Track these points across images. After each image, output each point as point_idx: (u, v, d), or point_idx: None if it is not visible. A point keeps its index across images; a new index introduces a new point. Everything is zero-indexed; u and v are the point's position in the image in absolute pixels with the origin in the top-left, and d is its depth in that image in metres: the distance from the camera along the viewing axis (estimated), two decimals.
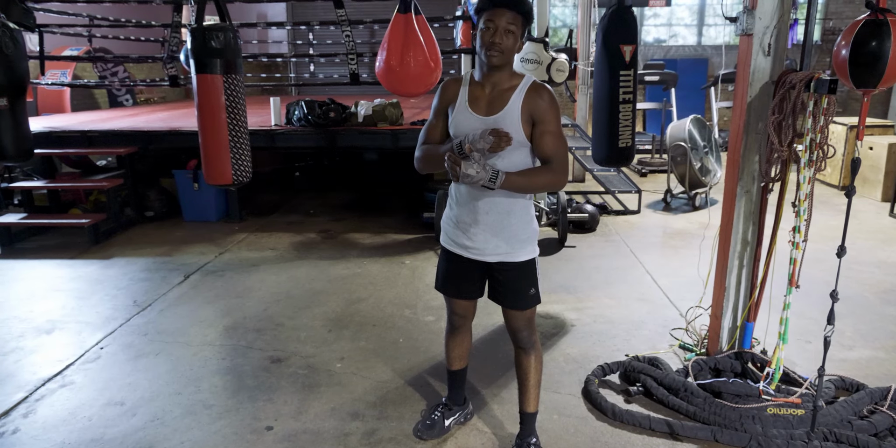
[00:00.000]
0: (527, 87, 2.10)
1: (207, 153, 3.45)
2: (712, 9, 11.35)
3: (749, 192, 2.87)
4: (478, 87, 2.15)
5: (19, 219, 5.37)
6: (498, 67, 2.07)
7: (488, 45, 2.01)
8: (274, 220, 6.12)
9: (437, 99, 2.24)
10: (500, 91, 2.11)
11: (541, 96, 2.08)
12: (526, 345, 2.35)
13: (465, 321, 2.50)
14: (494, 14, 1.99)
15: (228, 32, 3.32)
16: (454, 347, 2.56)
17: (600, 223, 5.70)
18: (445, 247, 2.35)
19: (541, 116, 2.08)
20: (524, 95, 2.08)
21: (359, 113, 5.48)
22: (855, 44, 2.28)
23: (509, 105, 2.08)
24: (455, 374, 2.61)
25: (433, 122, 2.26)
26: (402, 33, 3.97)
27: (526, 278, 2.27)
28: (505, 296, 2.28)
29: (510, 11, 1.99)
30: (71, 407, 2.80)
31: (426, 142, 2.26)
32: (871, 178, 6.54)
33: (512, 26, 2.00)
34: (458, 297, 2.40)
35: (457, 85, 2.20)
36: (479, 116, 2.11)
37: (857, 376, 2.93)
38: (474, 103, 2.13)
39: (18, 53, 3.74)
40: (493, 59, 2.03)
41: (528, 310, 2.30)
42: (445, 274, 2.38)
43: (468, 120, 2.12)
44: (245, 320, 3.72)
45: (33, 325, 3.68)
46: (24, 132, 3.93)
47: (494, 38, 2.00)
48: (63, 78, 7.07)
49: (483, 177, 1.97)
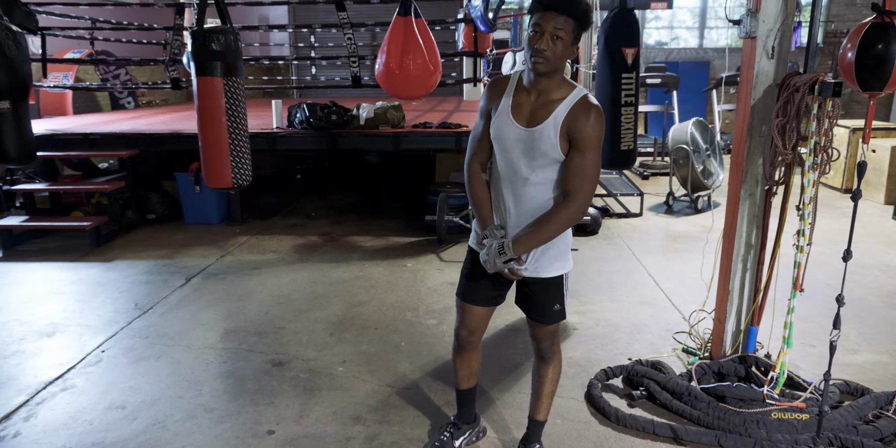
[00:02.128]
0: (574, 101, 1.95)
1: (207, 156, 3.45)
2: (714, 11, 11.35)
3: (753, 196, 2.86)
4: (524, 92, 2.02)
5: (21, 221, 5.36)
6: (544, 74, 1.94)
7: (533, 51, 1.88)
8: (275, 222, 6.12)
9: (484, 99, 2.12)
10: (546, 101, 1.98)
11: (586, 115, 1.93)
12: (546, 355, 2.28)
13: (473, 337, 2.32)
14: (543, 17, 1.86)
15: (229, 35, 3.32)
16: (462, 366, 2.40)
17: (602, 226, 5.68)
18: (472, 247, 2.23)
19: (579, 138, 1.93)
20: (569, 111, 1.94)
21: (360, 116, 5.47)
22: (861, 46, 2.27)
23: (551, 118, 1.95)
24: (464, 392, 2.47)
25: (480, 127, 2.14)
26: (401, 36, 3.98)
27: (552, 294, 2.17)
28: (530, 308, 2.21)
29: (560, 15, 1.85)
30: (72, 410, 2.79)
31: (475, 154, 2.15)
32: (874, 180, 6.53)
33: (561, 31, 1.86)
34: (479, 303, 2.24)
35: (503, 85, 2.07)
36: (520, 127, 1.99)
37: (862, 380, 2.91)
38: (517, 110, 2.01)
39: (21, 56, 3.74)
40: (538, 66, 1.91)
41: (551, 325, 2.23)
42: (467, 276, 2.25)
43: (508, 128, 2.01)
44: (246, 323, 3.71)
45: (34, 328, 3.67)
46: (27, 135, 3.93)
47: (540, 43, 1.86)
48: (65, 80, 7.07)
49: (496, 264, 2.00)
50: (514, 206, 2.07)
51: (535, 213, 2.04)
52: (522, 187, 2.03)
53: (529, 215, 2.05)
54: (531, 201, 2.04)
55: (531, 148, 1.98)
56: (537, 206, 2.04)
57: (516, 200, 2.06)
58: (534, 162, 1.99)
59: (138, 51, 8.47)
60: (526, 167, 2.01)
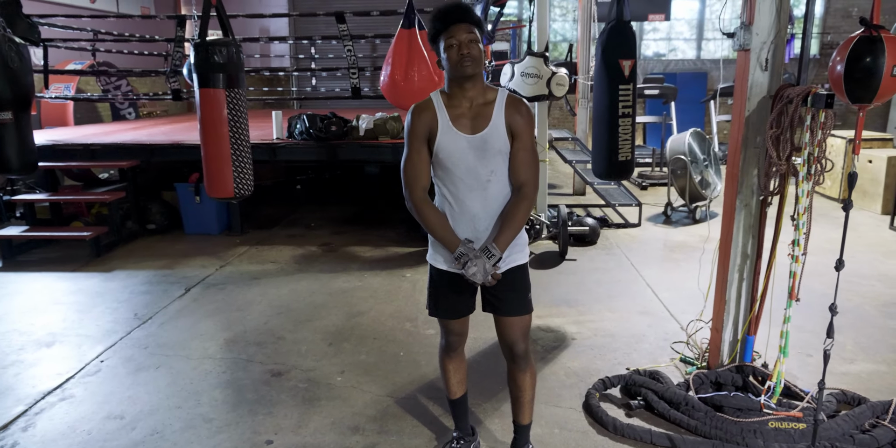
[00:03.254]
0: (504, 100, 2.13)
1: (209, 166, 3.48)
2: (711, 23, 11.44)
3: (748, 206, 2.88)
4: (454, 105, 2.13)
5: (21, 231, 5.38)
6: (472, 78, 2.08)
7: (459, 58, 2.03)
8: (275, 233, 6.13)
9: (411, 127, 2.15)
10: (479, 106, 2.12)
11: (518, 111, 2.12)
12: (521, 360, 2.29)
13: (461, 339, 2.41)
14: (452, 31, 2.03)
15: (231, 47, 3.37)
16: (454, 372, 2.44)
17: (601, 236, 5.70)
18: (437, 267, 2.28)
19: (518, 132, 2.12)
20: (505, 108, 2.11)
21: (360, 127, 5.51)
22: (850, 60, 2.30)
23: (493, 120, 2.11)
24: (458, 402, 2.49)
25: (416, 154, 2.15)
26: (406, 48, 4.03)
27: (524, 281, 2.27)
28: (506, 302, 2.24)
29: (465, 24, 2.04)
30: (70, 420, 2.79)
31: (417, 182, 2.17)
32: (870, 191, 6.55)
33: (472, 36, 2.04)
34: (456, 316, 2.33)
35: (429, 109, 2.14)
36: (467, 135, 2.11)
37: (859, 390, 2.92)
38: (457, 122, 2.12)
39: (24, 68, 3.78)
40: (467, 68, 2.03)
41: (527, 315, 2.28)
42: (437, 296, 2.32)
43: (457, 140, 2.11)
44: (245, 333, 3.72)
45: (34, 338, 3.68)
46: (29, 145, 3.96)
47: (462, 50, 2.02)
48: (66, 91, 7.12)
49: (487, 269, 2.06)
50: (482, 209, 2.16)
51: (500, 207, 2.18)
52: (486, 190, 2.15)
53: (497, 212, 2.18)
54: (495, 199, 2.17)
55: (484, 150, 2.11)
56: (501, 200, 2.18)
57: (484, 204, 2.16)
58: (490, 162, 2.13)
59: (139, 62, 8.54)
60: (485, 170, 2.13)
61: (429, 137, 2.15)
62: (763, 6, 2.66)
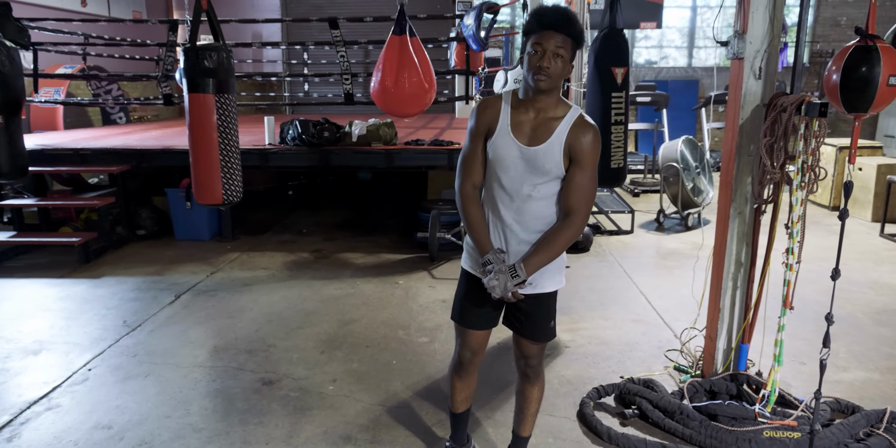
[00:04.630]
0: (573, 120, 2.00)
1: (198, 172, 3.44)
2: (702, 31, 11.52)
3: (742, 214, 2.88)
4: (521, 110, 2.03)
5: (8, 237, 5.31)
6: (545, 92, 1.98)
7: (536, 69, 1.91)
8: (266, 239, 6.09)
9: (475, 120, 2.08)
10: (546, 119, 2.00)
11: (586, 134, 1.98)
12: (533, 374, 2.27)
13: (476, 357, 2.30)
14: (543, 37, 1.90)
15: (222, 52, 3.34)
16: (461, 389, 2.36)
17: (594, 243, 5.70)
18: (468, 271, 2.20)
19: (580, 156, 1.98)
20: (570, 129, 1.99)
21: (353, 132, 5.49)
22: (845, 69, 2.31)
23: (553, 137, 1.98)
24: (459, 416, 2.44)
25: (472, 149, 2.09)
26: (397, 54, 4.01)
27: (548, 309, 2.20)
28: (524, 326, 2.19)
29: (559, 34, 1.90)
30: (56, 431, 2.75)
31: (469, 177, 2.10)
32: (860, 198, 6.59)
33: (561, 50, 1.91)
34: (477, 327, 2.24)
35: (497, 105, 2.06)
36: (522, 145, 2.00)
37: (852, 398, 2.92)
38: (517, 129, 2.02)
39: (14, 71, 3.75)
40: (540, 83, 1.93)
41: (544, 342, 2.24)
42: (465, 300, 2.22)
43: (509, 147, 2.02)
44: (236, 341, 3.68)
45: (20, 345, 3.62)
46: (19, 149, 3.92)
47: (542, 62, 1.90)
48: (56, 96, 7.06)
49: (507, 287, 1.98)
50: (516, 222, 2.07)
51: (538, 227, 2.07)
52: (524, 204, 2.05)
53: (532, 230, 2.07)
54: (533, 216, 2.06)
55: (534, 166, 2.00)
56: (539, 220, 2.07)
57: (518, 217, 2.06)
58: (537, 179, 2.02)
59: (130, 66, 8.49)
60: (528, 184, 2.02)
61: (486, 136, 2.06)
62: (756, 15, 2.67)
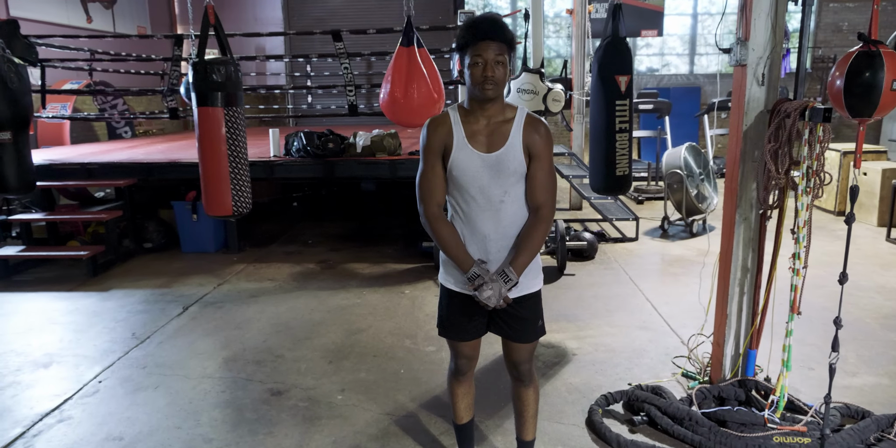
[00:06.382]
0: (523, 120, 2.06)
1: (208, 184, 3.47)
2: (703, 38, 11.57)
3: (748, 220, 2.89)
4: (472, 120, 2.07)
5: (17, 251, 5.36)
6: (492, 100, 2.03)
7: (482, 79, 1.96)
8: (272, 250, 6.12)
9: (427, 141, 2.08)
10: (497, 124, 2.06)
11: (538, 131, 2.06)
12: (526, 378, 2.29)
13: (472, 363, 2.35)
14: (480, 48, 1.95)
15: (230, 66, 3.38)
16: (463, 397, 2.39)
17: (599, 251, 5.70)
18: (448, 287, 2.22)
19: (537, 152, 2.06)
20: (524, 128, 2.05)
21: (357, 143, 5.53)
22: (849, 75, 2.33)
23: (510, 140, 2.04)
24: (464, 428, 2.45)
25: (431, 169, 2.09)
26: (405, 66, 4.06)
27: (536, 309, 2.22)
28: (513, 329, 2.19)
29: (495, 42, 1.95)
30: (69, 442, 2.76)
31: (432, 198, 2.10)
32: (866, 203, 6.59)
33: (500, 57, 1.96)
34: (467, 338, 2.26)
35: (446, 121, 2.08)
36: (482, 153, 2.05)
37: (862, 403, 2.91)
38: (473, 139, 2.06)
39: (23, 88, 3.79)
40: (488, 92, 1.98)
41: (534, 342, 2.26)
42: (449, 316, 2.25)
43: (471, 158, 2.05)
44: (244, 352, 3.69)
45: (30, 358, 3.64)
46: (27, 165, 3.96)
47: (487, 71, 1.95)
48: (63, 111, 7.13)
49: (501, 294, 2.03)
50: (493, 230, 2.10)
51: (514, 229, 2.12)
52: (499, 211, 2.09)
53: (510, 235, 2.12)
54: (511, 221, 2.10)
55: (499, 170, 2.05)
56: (515, 222, 2.12)
57: (496, 225, 2.10)
58: (505, 182, 2.06)
59: (136, 81, 8.57)
60: (499, 190, 2.07)
61: (444, 153, 2.08)
62: (759, 22, 2.69)
